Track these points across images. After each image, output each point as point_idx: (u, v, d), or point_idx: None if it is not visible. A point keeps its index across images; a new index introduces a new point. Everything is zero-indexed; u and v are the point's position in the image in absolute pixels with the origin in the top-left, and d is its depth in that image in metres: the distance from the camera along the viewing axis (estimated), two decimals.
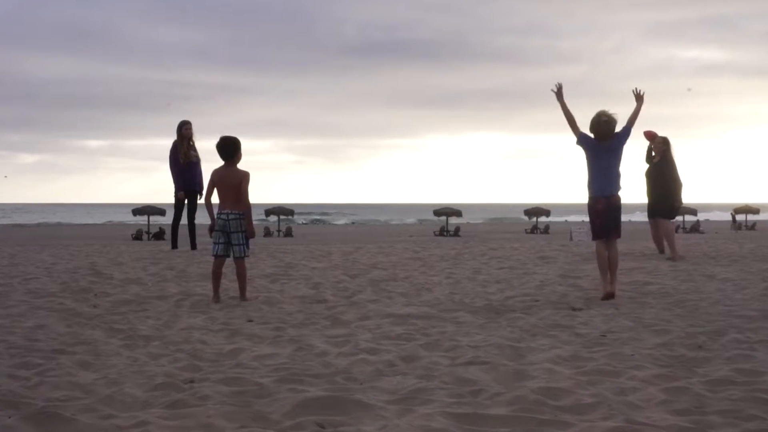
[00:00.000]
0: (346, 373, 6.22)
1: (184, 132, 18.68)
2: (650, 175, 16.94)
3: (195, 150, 18.83)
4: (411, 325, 8.52)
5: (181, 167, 18.59)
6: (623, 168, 10.68)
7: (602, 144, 10.50)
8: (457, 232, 53.77)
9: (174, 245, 19.18)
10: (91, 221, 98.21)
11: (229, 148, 10.67)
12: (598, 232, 10.74)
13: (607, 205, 10.59)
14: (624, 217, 10.65)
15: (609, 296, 10.34)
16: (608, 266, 10.62)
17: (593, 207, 10.67)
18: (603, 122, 10.47)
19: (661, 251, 17.24)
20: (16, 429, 4.73)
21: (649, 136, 16.66)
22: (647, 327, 8.22)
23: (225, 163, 10.67)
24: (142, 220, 56.06)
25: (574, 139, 10.67)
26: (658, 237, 17.33)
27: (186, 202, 18.83)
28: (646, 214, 17.67)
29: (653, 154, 16.99)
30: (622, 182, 10.65)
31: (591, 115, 10.54)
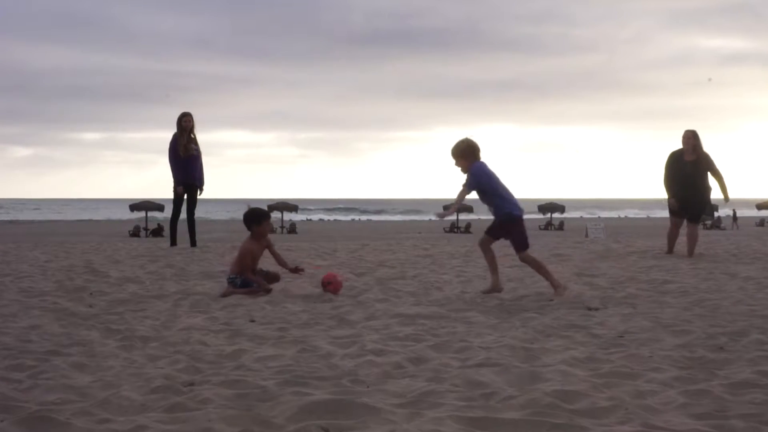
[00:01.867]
0: (352, 376, 6.22)
1: (184, 124, 18.73)
2: (690, 176, 16.66)
3: (196, 143, 18.89)
4: (420, 325, 8.52)
5: (181, 161, 18.65)
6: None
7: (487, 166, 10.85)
8: (468, 228, 53.78)
9: (173, 242, 19.21)
10: (86, 217, 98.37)
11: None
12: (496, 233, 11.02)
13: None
14: (642, 213, 10.66)
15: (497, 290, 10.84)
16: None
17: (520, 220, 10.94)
18: (470, 143, 10.81)
19: (671, 251, 17.14)
20: None
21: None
22: (666, 327, 8.21)
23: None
24: (139, 215, 56.18)
25: (474, 193, 10.84)
26: (674, 236, 17.21)
27: (186, 197, 18.87)
28: (667, 211, 17.53)
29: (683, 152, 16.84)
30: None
31: (609, 105, 10.65)
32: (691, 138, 16.65)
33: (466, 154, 10.75)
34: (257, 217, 11.43)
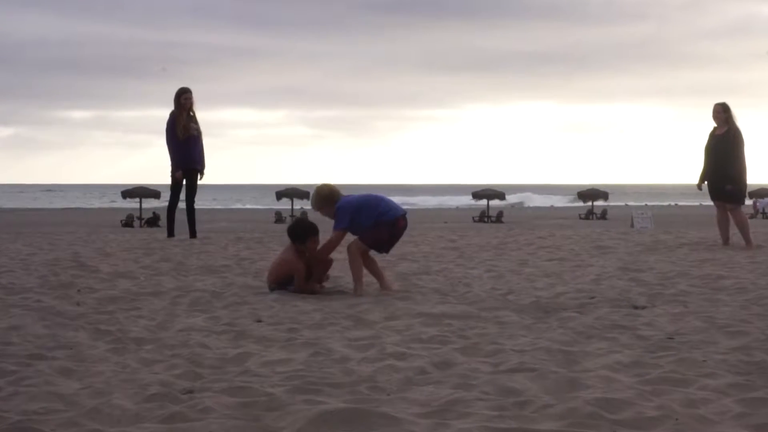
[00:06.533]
0: (370, 382, 6.23)
1: (183, 102, 18.76)
2: (714, 150, 16.89)
3: (196, 122, 18.93)
4: (446, 325, 8.53)
5: (180, 142, 18.68)
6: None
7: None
8: (499, 217, 53.80)
9: (170, 233, 19.26)
10: (74, 205, 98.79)
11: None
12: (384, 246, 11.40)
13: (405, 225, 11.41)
14: (695, 201, 10.65)
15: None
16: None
17: (397, 226, 11.28)
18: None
19: (726, 242, 17.14)
20: None
21: None
22: (721, 328, 8.19)
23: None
24: (133, 203, 56.41)
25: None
26: (723, 222, 17.23)
27: (185, 182, 18.91)
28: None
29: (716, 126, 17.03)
30: None
31: (658, 79, 10.66)
32: (720, 111, 17.08)
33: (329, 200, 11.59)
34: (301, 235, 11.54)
